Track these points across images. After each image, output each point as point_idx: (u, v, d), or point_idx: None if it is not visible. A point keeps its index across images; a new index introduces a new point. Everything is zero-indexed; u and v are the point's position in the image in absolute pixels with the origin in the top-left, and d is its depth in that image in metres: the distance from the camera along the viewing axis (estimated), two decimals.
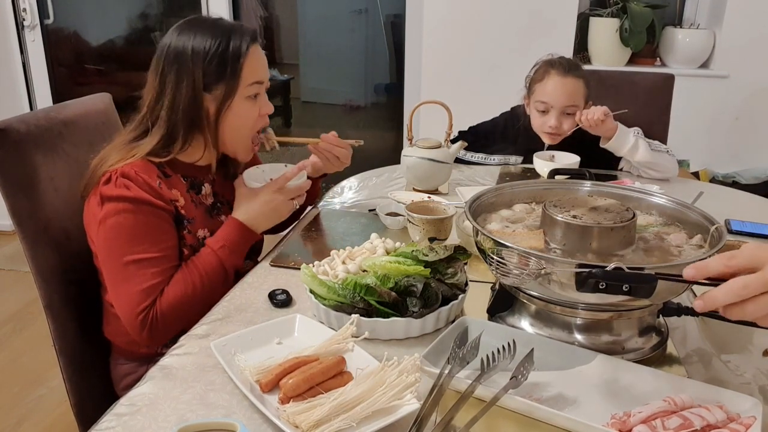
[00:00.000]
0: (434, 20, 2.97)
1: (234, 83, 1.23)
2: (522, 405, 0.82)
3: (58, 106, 1.42)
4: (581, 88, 1.86)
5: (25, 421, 2.07)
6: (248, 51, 1.23)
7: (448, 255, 1.07)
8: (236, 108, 1.25)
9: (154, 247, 1.19)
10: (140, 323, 1.17)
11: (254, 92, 1.27)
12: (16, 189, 1.25)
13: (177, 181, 1.28)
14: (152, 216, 1.19)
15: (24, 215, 1.26)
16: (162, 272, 1.19)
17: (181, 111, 1.22)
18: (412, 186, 1.76)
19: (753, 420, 0.77)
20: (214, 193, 1.36)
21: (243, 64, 1.22)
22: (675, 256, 0.98)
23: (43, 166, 1.30)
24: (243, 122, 1.28)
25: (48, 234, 1.28)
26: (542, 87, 1.87)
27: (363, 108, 3.84)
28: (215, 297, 1.17)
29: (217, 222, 1.33)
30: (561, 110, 1.85)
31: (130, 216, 1.17)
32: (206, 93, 1.23)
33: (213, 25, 1.24)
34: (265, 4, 3.73)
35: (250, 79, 1.24)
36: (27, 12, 3.43)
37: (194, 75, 1.20)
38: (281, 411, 0.80)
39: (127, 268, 1.17)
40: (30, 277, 1.27)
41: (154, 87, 1.23)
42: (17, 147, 1.25)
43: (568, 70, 1.85)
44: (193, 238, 1.27)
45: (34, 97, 3.60)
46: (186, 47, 1.21)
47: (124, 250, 1.18)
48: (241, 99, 1.25)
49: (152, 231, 1.19)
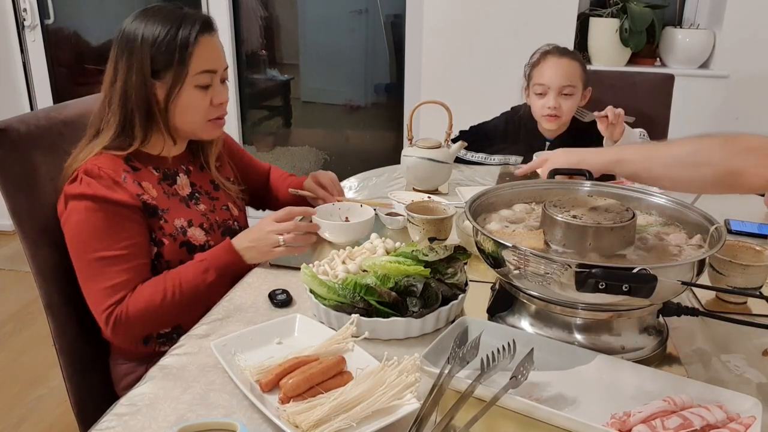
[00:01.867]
0: (434, 20, 2.97)
1: (181, 71, 1.22)
2: (522, 405, 0.82)
3: (58, 106, 1.42)
4: (578, 70, 1.89)
5: (25, 421, 2.07)
6: (197, 40, 1.22)
7: (448, 255, 1.07)
8: (185, 97, 1.25)
9: (116, 245, 1.19)
10: (105, 320, 1.19)
11: (204, 82, 1.26)
12: (16, 189, 1.25)
13: (147, 173, 1.28)
14: (114, 214, 1.20)
15: (24, 215, 1.26)
16: (126, 270, 1.20)
17: (134, 98, 1.22)
18: (412, 186, 1.76)
19: (753, 420, 0.77)
20: (191, 183, 1.37)
21: (192, 53, 1.22)
22: (675, 256, 0.98)
23: (43, 166, 1.30)
24: (193, 111, 1.27)
25: (48, 234, 1.28)
26: (539, 71, 1.91)
27: (363, 108, 3.84)
28: (187, 307, 1.18)
29: (195, 211, 1.33)
30: (558, 90, 1.87)
31: (91, 214, 1.19)
32: (155, 80, 1.23)
33: (167, 12, 1.24)
34: (265, 4, 3.73)
35: (199, 68, 1.24)
36: (27, 12, 3.43)
37: (143, 62, 1.21)
38: (281, 411, 0.80)
39: (91, 266, 1.19)
40: (30, 277, 1.27)
41: (109, 74, 1.25)
42: (17, 147, 1.26)
43: (563, 52, 1.89)
44: (170, 226, 1.27)
45: (34, 97, 3.60)
46: (137, 33, 1.22)
47: (87, 247, 1.19)
48: (190, 88, 1.24)
49: (114, 228, 1.20)
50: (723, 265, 1.12)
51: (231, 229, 1.40)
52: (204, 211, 1.35)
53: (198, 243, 1.31)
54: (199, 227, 1.32)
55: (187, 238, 1.30)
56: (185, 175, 1.36)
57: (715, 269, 1.13)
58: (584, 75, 1.92)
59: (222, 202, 1.41)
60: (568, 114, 1.91)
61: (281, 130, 4.03)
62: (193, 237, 1.31)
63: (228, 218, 1.41)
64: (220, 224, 1.37)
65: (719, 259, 1.12)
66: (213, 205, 1.39)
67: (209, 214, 1.36)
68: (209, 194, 1.38)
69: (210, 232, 1.34)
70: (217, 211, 1.39)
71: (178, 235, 1.28)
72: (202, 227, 1.33)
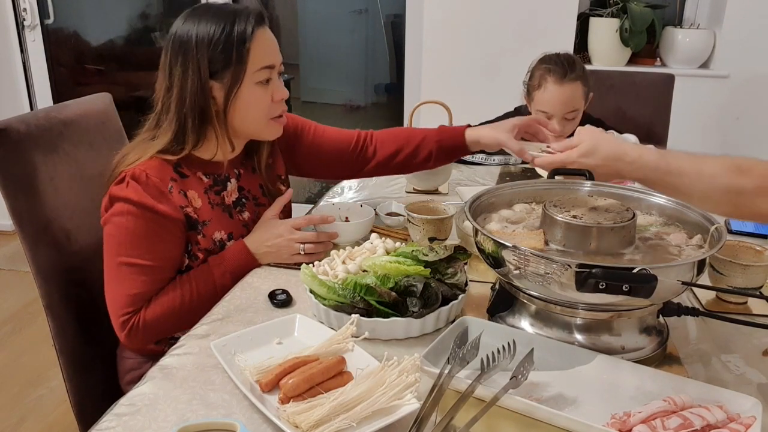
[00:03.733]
0: (434, 20, 2.97)
1: (241, 69, 1.18)
2: (522, 405, 0.82)
3: (58, 106, 1.42)
4: (579, 91, 1.86)
5: (25, 421, 2.07)
6: (254, 34, 1.17)
7: (448, 255, 1.07)
8: (246, 95, 1.20)
9: (149, 255, 1.17)
10: (121, 325, 1.19)
11: (264, 77, 1.21)
12: (16, 189, 1.25)
13: (194, 181, 1.24)
14: (154, 224, 1.17)
15: (24, 215, 1.26)
16: (152, 282, 1.19)
17: (189, 101, 1.17)
18: (412, 186, 1.76)
19: (753, 420, 0.77)
20: (239, 188, 1.32)
21: (249, 48, 1.17)
22: (675, 256, 0.98)
23: (43, 166, 1.30)
24: (255, 110, 1.23)
25: (48, 234, 1.28)
26: (541, 95, 1.87)
27: (363, 108, 3.84)
28: (202, 311, 1.16)
29: (237, 222, 1.29)
30: (562, 117, 1.86)
31: (132, 219, 1.16)
32: (213, 81, 1.18)
33: (217, 10, 1.19)
34: (265, 4, 3.74)
35: (259, 64, 1.19)
36: (27, 12, 3.42)
37: (199, 63, 1.16)
38: (281, 411, 0.80)
39: (120, 270, 1.18)
40: (30, 277, 1.27)
41: (163, 79, 1.20)
42: (17, 147, 1.26)
43: (564, 75, 1.84)
44: (208, 241, 1.24)
45: (34, 97, 3.60)
46: (190, 35, 1.17)
47: (120, 250, 1.18)
48: (251, 85, 1.20)
49: (151, 238, 1.17)
50: (723, 265, 1.12)
51: None
52: (246, 221, 1.31)
53: None
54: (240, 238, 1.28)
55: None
56: (235, 180, 1.32)
57: (716, 269, 1.13)
58: (586, 87, 1.88)
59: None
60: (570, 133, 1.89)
61: None
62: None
63: None
64: None
65: (719, 259, 1.12)
66: (257, 212, 1.34)
67: (251, 224, 1.32)
68: (257, 200, 1.35)
69: None
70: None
71: (215, 249, 1.25)
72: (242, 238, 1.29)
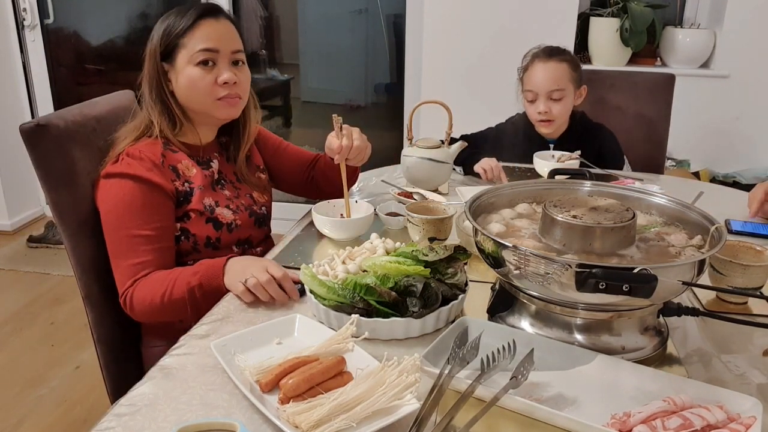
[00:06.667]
0: (434, 20, 2.97)
1: (182, 50, 1.31)
2: (522, 405, 0.82)
3: (88, 103, 1.46)
4: (566, 71, 1.88)
5: (25, 421, 2.07)
6: (197, 22, 1.30)
7: (448, 255, 1.06)
8: (188, 73, 1.31)
9: (147, 225, 1.25)
10: (122, 296, 1.25)
11: (204, 58, 1.31)
12: (57, 182, 1.30)
13: (183, 156, 1.36)
14: (150, 194, 1.26)
15: (64, 208, 1.30)
16: (153, 251, 1.25)
17: (149, 82, 1.33)
18: (413, 186, 1.76)
19: (753, 420, 0.77)
20: (219, 171, 1.43)
21: (192, 30, 1.30)
22: (675, 256, 0.98)
23: (81, 161, 1.34)
24: (198, 88, 1.32)
25: (87, 226, 1.33)
26: (528, 76, 1.91)
27: (363, 108, 3.84)
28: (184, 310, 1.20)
29: (220, 194, 1.39)
30: (547, 95, 1.87)
31: (129, 191, 1.25)
32: (165, 63, 1.33)
33: (179, 8, 1.33)
34: (265, 4, 3.73)
35: (199, 46, 1.30)
36: (27, 12, 3.43)
37: (155, 51, 1.32)
38: (281, 411, 0.80)
39: (122, 242, 1.25)
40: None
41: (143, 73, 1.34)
42: (57, 142, 1.30)
43: (550, 55, 1.88)
44: (199, 204, 1.33)
45: (34, 97, 3.60)
46: (153, 32, 1.34)
47: (121, 223, 1.25)
48: (191, 66, 1.31)
49: (149, 209, 1.26)
50: (723, 265, 1.12)
51: (257, 213, 1.45)
52: (229, 196, 1.41)
53: (225, 221, 1.37)
54: (225, 207, 1.38)
55: (215, 215, 1.36)
56: (216, 162, 1.43)
57: (716, 269, 1.13)
58: (575, 74, 1.90)
59: (245, 191, 1.47)
60: (561, 117, 1.91)
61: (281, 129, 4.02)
62: (221, 215, 1.37)
63: (251, 204, 1.46)
64: (246, 207, 1.43)
65: (719, 259, 1.12)
66: (237, 192, 1.45)
67: (234, 199, 1.42)
68: (233, 183, 1.45)
69: (237, 212, 1.40)
70: (241, 197, 1.45)
71: (206, 211, 1.34)
72: (229, 207, 1.39)
